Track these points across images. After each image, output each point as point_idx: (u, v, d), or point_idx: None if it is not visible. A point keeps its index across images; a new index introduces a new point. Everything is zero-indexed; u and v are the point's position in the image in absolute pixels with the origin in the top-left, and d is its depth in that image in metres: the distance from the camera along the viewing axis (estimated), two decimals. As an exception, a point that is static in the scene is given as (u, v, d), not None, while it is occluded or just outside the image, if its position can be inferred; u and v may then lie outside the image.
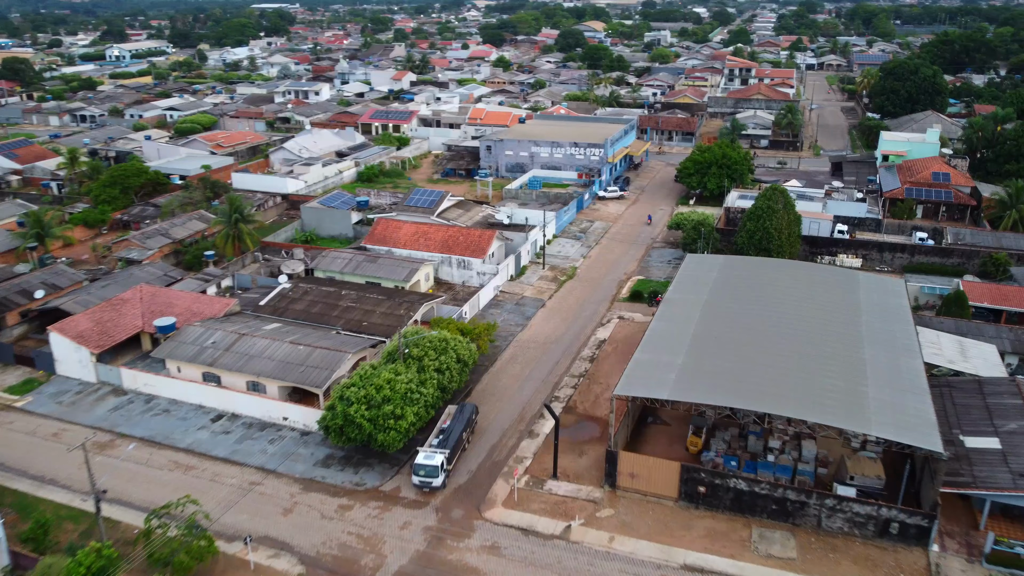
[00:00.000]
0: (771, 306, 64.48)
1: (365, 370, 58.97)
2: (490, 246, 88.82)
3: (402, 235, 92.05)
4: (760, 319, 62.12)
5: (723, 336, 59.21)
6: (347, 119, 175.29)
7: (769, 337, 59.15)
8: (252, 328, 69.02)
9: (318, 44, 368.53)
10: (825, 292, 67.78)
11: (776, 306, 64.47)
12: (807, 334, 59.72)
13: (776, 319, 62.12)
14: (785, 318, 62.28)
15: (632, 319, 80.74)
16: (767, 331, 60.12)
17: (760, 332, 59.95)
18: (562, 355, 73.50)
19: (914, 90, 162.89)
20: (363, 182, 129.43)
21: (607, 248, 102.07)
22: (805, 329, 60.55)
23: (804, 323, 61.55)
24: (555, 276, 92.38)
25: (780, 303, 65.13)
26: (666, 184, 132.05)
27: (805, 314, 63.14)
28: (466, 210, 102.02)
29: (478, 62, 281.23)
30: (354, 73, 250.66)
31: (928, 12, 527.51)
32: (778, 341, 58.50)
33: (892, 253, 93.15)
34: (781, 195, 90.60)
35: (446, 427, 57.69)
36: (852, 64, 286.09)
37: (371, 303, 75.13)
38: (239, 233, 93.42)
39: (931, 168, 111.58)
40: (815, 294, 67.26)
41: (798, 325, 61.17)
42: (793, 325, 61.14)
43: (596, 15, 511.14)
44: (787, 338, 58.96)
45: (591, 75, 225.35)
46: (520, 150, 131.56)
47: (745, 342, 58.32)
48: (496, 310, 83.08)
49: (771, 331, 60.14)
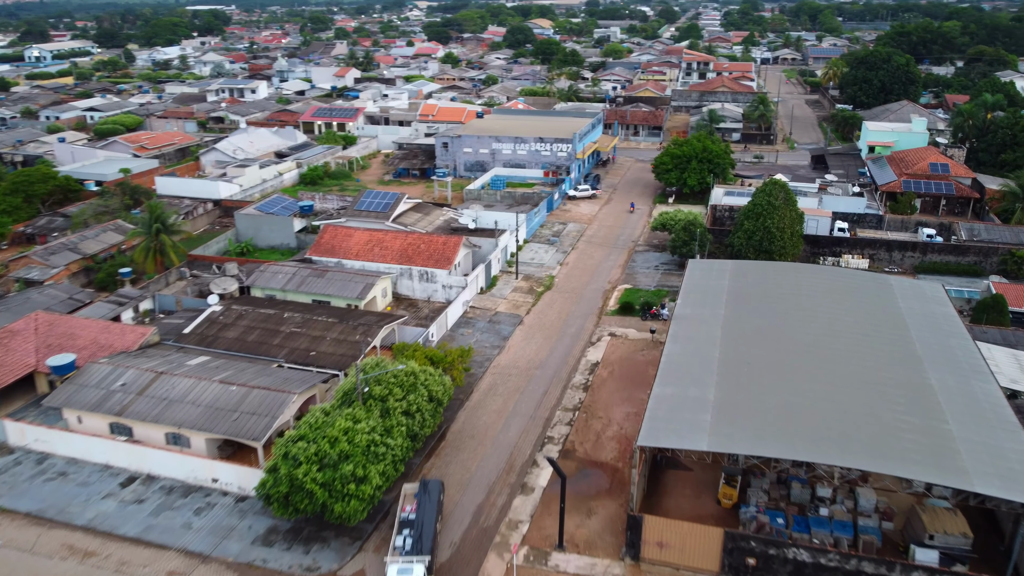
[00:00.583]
0: (803, 320, 54.13)
1: (315, 417, 46.79)
2: (456, 255, 77.07)
3: (353, 244, 79.70)
4: (794, 337, 51.68)
5: (757, 361, 48.54)
6: (287, 118, 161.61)
7: (812, 360, 48.69)
8: (173, 364, 56.08)
9: (255, 43, 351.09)
10: (859, 301, 57.75)
11: (809, 320, 54.14)
12: (855, 354, 49.44)
13: (813, 336, 51.76)
14: (823, 335, 51.96)
15: (625, 336, 69.81)
16: (807, 352, 49.68)
17: (799, 354, 49.48)
18: (550, 383, 62.15)
19: (887, 79, 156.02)
20: (306, 185, 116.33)
21: (585, 253, 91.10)
22: (850, 348, 50.28)
23: (847, 340, 51.28)
24: (531, 287, 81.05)
25: (812, 316, 54.83)
26: (639, 181, 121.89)
27: (845, 329, 52.92)
28: (425, 214, 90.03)
29: (425, 59, 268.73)
30: (293, 71, 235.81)
31: (869, 9, 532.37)
32: (824, 365, 48.07)
33: (901, 252, 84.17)
34: (782, 190, 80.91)
35: (412, 518, 43.30)
36: (807, 58, 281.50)
37: (320, 327, 62.74)
38: (161, 246, 79.99)
39: (927, 159, 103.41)
40: (848, 304, 57.17)
41: (841, 343, 50.88)
42: (835, 343, 50.83)
43: (542, 13, 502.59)
44: (833, 360, 48.57)
45: (553, 65, 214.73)
46: (480, 147, 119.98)
47: (785, 368, 47.75)
48: (467, 329, 71.37)
49: (812, 352, 49.72)
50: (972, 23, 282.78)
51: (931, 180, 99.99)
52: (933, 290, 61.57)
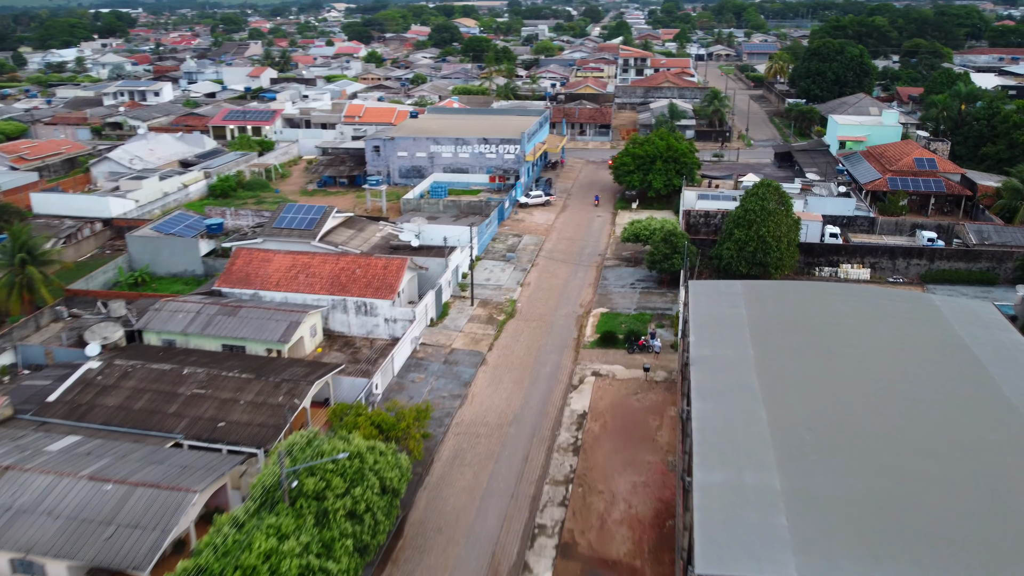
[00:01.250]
0: (855, 360, 42.69)
1: (223, 534, 32.96)
2: (400, 280, 63.57)
3: (273, 271, 65.34)
4: (852, 385, 40.13)
5: (819, 424, 36.73)
6: (195, 122, 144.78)
7: (886, 418, 37.10)
8: (27, 453, 41.17)
9: (161, 45, 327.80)
10: (911, 330, 46.79)
11: (861, 359, 42.73)
12: (937, 406, 38.14)
13: (875, 383, 40.31)
14: (887, 379, 40.59)
15: (612, 375, 57.55)
16: (876, 407, 38.13)
17: (866, 409, 37.87)
18: (530, 444, 49.36)
19: (841, 71, 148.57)
20: (216, 198, 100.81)
21: (548, 270, 78.67)
22: (928, 397, 39.00)
23: (919, 387, 40.01)
24: (490, 315, 68.12)
25: (862, 353, 43.47)
26: (594, 184, 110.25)
27: (910, 370, 41.68)
28: (359, 230, 76.10)
29: (347, 58, 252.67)
30: (203, 72, 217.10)
31: (789, 7, 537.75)
32: (904, 425, 36.52)
33: (906, 260, 74.39)
34: (775, 192, 70.12)
35: None
36: (741, 54, 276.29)
37: (232, 386, 48.47)
38: (29, 280, 64.15)
39: (910, 154, 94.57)
40: (899, 334, 46.11)
41: (913, 391, 39.56)
42: (906, 391, 39.47)
43: (465, 13, 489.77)
44: (914, 418, 37.09)
45: (489, 60, 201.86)
46: (417, 150, 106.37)
47: (858, 433, 35.99)
48: (419, 374, 57.99)
49: (881, 406, 38.17)
50: (900, 18, 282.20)
51: (918, 177, 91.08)
52: (986, 311, 51.14)
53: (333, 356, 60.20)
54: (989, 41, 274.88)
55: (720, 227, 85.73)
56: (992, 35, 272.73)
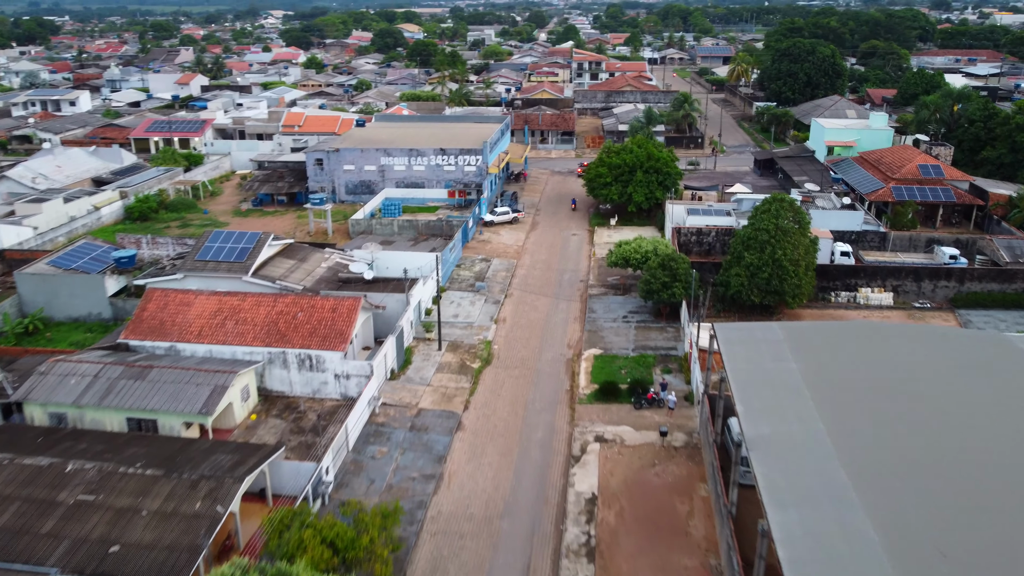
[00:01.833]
0: (963, 431, 32.72)
1: None
2: (353, 326, 51.89)
3: (194, 317, 53.00)
4: (976, 477, 30.09)
5: (955, 540, 26.45)
6: (115, 134, 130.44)
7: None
8: None
9: (84, 52, 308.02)
10: (1009, 386, 37.07)
11: (972, 430, 32.78)
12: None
13: (1002, 470, 30.37)
14: (1014, 465, 30.68)
15: (620, 440, 46.78)
16: (1017, 506, 28.13)
17: (1010, 521, 27.83)
18: (530, 545, 38.23)
19: (813, 72, 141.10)
20: (133, 221, 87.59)
21: (524, 302, 67.69)
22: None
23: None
24: (462, 361, 56.82)
25: (969, 420, 33.54)
26: (565, 196, 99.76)
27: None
28: (301, 260, 64.06)
29: (285, 64, 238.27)
30: (128, 80, 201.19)
31: (732, 12, 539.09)
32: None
33: (932, 282, 65.40)
34: (790, 208, 60.44)
35: None
36: (695, 57, 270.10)
37: (132, 489, 36.22)
38: None
39: (912, 160, 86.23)
40: (996, 393, 36.35)
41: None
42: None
43: (408, 18, 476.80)
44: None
45: (442, 61, 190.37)
46: (365, 163, 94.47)
47: (1012, 556, 25.88)
48: (380, 446, 46.38)
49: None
50: (850, 20, 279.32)
51: (924, 186, 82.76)
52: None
53: (271, 425, 48.25)
54: (938, 43, 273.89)
55: (714, 246, 76.33)
56: (942, 37, 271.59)
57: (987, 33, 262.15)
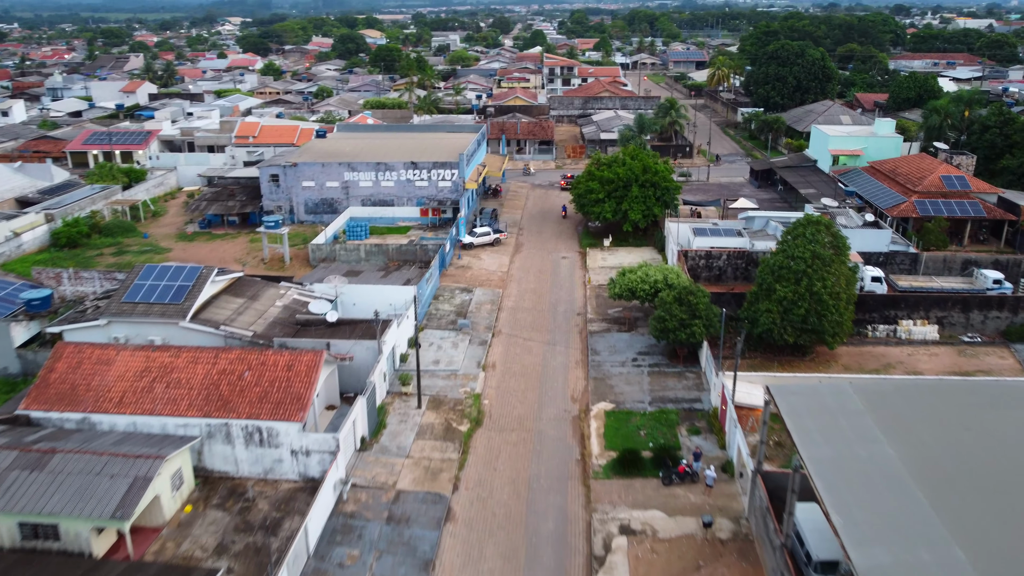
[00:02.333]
0: None
1: None
2: (313, 386, 41.92)
3: (115, 379, 42.63)
4: None
5: None
6: (49, 147, 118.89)
7: None
8: None
9: (28, 59, 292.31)
10: None
11: None
12: None
13: None
14: None
15: (651, 530, 37.44)
16: None
17: None
18: None
19: (802, 76, 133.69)
20: (60, 249, 76.43)
21: (515, 342, 58.15)
22: None
23: None
24: (447, 422, 47.11)
25: None
26: (549, 215, 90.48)
27: None
28: (251, 298, 53.87)
29: (241, 71, 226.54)
30: (71, 88, 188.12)
31: (697, 18, 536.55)
32: None
33: (982, 312, 57.25)
34: (827, 232, 51.86)
35: None
36: (667, 62, 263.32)
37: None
38: None
39: (934, 171, 78.43)
40: None
41: None
42: None
43: (369, 24, 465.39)
44: None
45: (409, 66, 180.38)
46: (327, 178, 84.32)
47: None
48: (350, 549, 36.49)
49: None
50: (822, 24, 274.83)
51: (950, 200, 74.96)
52: None
53: (210, 520, 38.10)
54: (910, 47, 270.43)
55: (724, 271, 67.66)
56: (915, 41, 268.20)
57: (960, 37, 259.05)
